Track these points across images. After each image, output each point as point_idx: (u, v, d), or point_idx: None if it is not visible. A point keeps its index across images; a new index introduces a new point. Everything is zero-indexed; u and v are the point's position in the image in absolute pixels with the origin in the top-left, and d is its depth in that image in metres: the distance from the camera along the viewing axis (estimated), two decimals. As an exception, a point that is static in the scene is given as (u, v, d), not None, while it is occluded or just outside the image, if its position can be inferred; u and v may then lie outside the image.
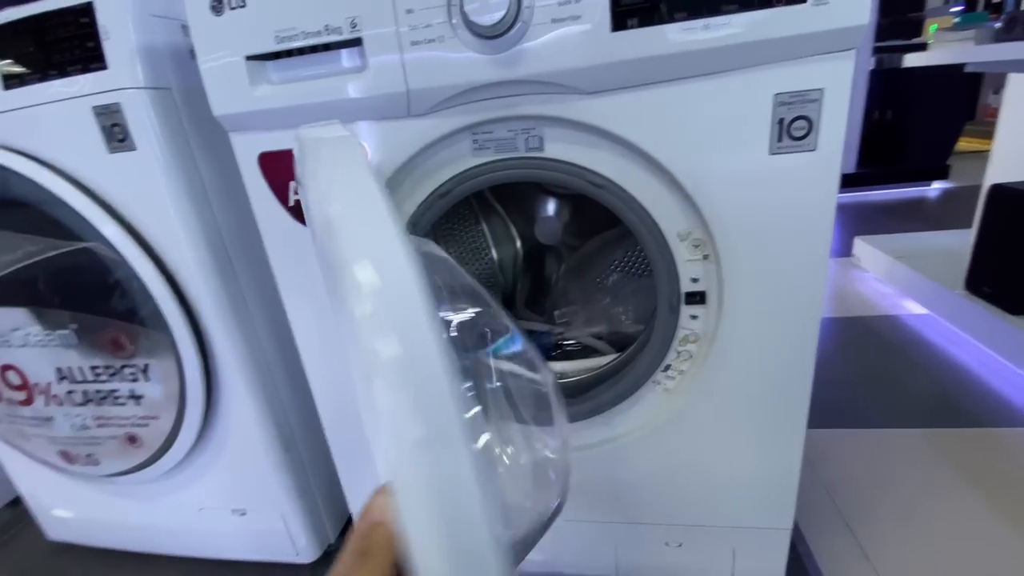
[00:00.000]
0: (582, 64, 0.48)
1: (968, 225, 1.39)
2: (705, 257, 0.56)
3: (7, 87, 0.63)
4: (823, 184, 0.51)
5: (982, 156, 1.50)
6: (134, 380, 0.74)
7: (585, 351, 0.87)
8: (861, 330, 1.51)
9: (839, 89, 0.49)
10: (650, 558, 0.75)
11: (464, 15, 0.47)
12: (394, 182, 0.58)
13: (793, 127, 0.51)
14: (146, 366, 0.73)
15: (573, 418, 0.67)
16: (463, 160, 0.56)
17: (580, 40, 0.47)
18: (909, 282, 1.63)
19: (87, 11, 0.58)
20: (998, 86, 1.66)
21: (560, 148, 0.54)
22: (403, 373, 0.20)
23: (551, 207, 0.89)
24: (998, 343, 1.28)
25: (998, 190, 1.27)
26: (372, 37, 0.51)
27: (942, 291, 1.46)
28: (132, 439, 0.79)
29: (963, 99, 2.70)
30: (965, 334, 1.38)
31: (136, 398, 0.75)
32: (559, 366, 0.76)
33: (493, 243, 0.97)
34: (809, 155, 0.51)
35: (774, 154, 0.51)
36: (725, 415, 0.64)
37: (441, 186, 0.57)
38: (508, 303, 1.00)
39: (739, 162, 0.52)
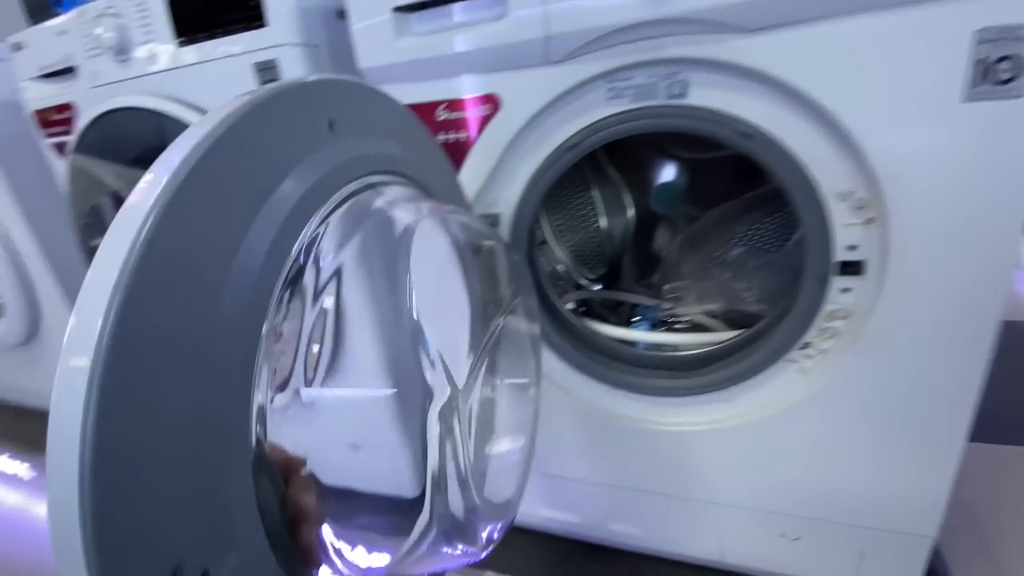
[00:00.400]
0: (747, -4, 0.44)
1: None
2: (868, 222, 0.50)
3: (181, 44, 0.71)
4: (1032, 136, 0.43)
5: None
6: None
7: (694, 329, 0.83)
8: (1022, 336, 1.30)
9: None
10: (761, 548, 0.70)
11: (616, -51, 0.45)
12: (522, 135, 0.58)
13: (996, 69, 0.43)
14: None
15: (690, 391, 0.64)
16: (596, 110, 0.54)
17: (745, -30, 0.43)
18: (1090, 284, 1.37)
19: (251, -28, 0.63)
20: None
21: (706, 94, 0.50)
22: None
23: (670, 173, 0.85)
24: None
25: None
26: (515, -19, 0.50)
27: None
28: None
29: None
30: None
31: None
32: (673, 338, 0.73)
33: (604, 211, 0.94)
34: (1013, 103, 0.43)
35: (969, 101, 0.44)
36: (868, 405, 0.57)
37: (570, 138, 0.56)
38: (614, 275, 0.97)
39: (924, 110, 0.45)
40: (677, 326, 0.85)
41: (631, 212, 0.94)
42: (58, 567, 0.19)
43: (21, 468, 1.29)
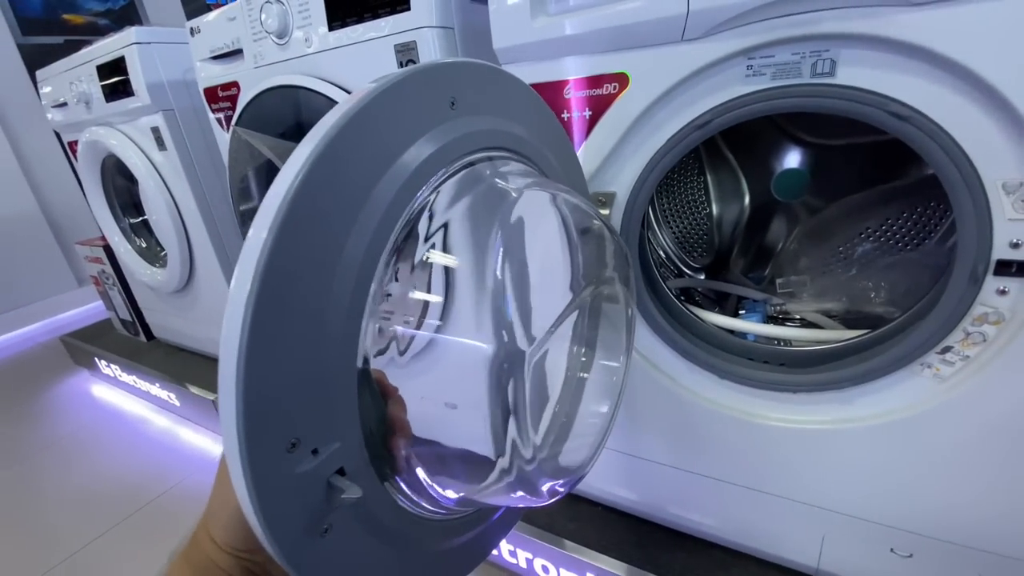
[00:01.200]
0: (918, -34, 0.41)
1: None
2: (1038, 217, 0.45)
3: (332, 28, 0.78)
4: None
5: None
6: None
7: (806, 327, 0.78)
8: None
9: None
10: (865, 560, 0.67)
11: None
12: (648, 113, 0.58)
13: None
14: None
15: (803, 387, 0.61)
16: (730, 88, 0.53)
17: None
18: None
19: (400, -43, 0.69)
20: None
21: (857, 73, 0.47)
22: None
23: (795, 159, 0.80)
24: None
25: None
26: (657, -43, 0.50)
27: None
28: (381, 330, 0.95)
29: None
30: None
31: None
32: (793, 333, 0.70)
33: (715, 197, 0.91)
34: None
35: None
36: (1008, 420, 0.52)
37: (700, 117, 0.55)
38: (720, 265, 0.94)
39: None
40: (788, 323, 0.81)
41: (747, 200, 0.90)
42: (223, 428, 0.26)
43: (170, 397, 1.52)
